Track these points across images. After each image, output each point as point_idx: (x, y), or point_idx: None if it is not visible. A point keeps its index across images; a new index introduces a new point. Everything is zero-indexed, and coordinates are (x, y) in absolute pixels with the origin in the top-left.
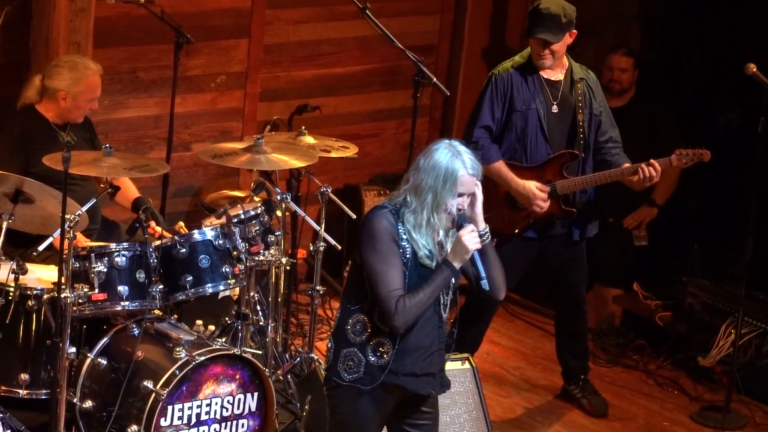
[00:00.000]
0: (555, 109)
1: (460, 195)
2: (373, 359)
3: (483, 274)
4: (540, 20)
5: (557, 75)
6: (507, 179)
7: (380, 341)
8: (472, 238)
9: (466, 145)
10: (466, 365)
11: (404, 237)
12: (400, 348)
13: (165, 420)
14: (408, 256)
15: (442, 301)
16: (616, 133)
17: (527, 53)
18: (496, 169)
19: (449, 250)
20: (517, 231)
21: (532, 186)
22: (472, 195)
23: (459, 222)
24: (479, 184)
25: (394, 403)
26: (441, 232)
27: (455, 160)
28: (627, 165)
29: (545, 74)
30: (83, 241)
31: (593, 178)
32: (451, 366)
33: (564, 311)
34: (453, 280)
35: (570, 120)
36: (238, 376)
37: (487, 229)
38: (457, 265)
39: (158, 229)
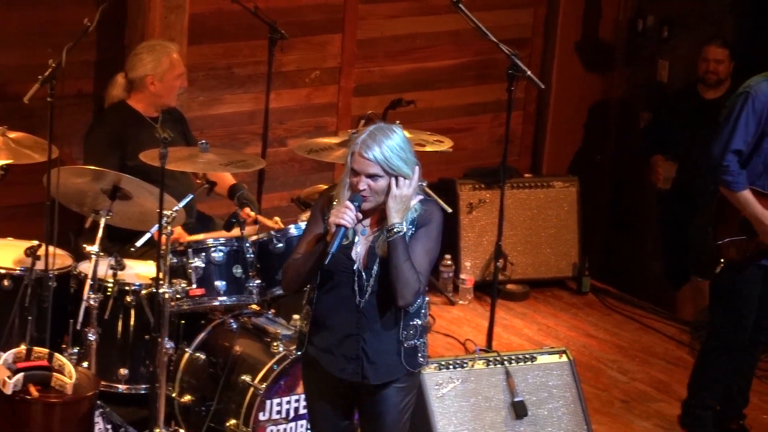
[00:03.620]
0: None
1: (354, 172)
2: (302, 326)
3: (332, 249)
4: None
5: None
6: (755, 210)
7: (307, 309)
8: (338, 212)
9: (398, 131)
10: (564, 358)
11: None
12: (314, 320)
13: (263, 414)
14: None
15: (357, 285)
16: None
17: None
18: (743, 197)
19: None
20: (747, 257)
21: None
22: (379, 181)
23: (350, 200)
24: (402, 180)
25: (329, 380)
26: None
27: (361, 137)
28: None
29: None
30: (184, 236)
31: None
32: (548, 359)
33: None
34: (376, 268)
35: None
36: None
37: (399, 227)
38: (328, 239)
39: (252, 213)
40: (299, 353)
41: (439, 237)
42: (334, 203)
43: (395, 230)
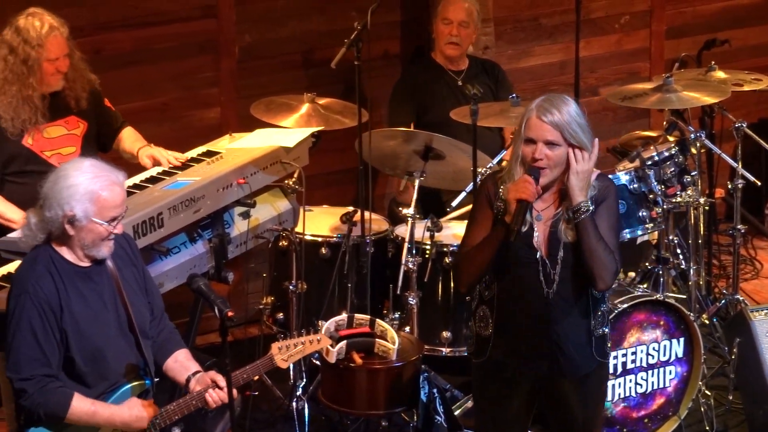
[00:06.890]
0: None
1: (529, 141)
2: (478, 330)
3: (519, 226)
4: None
5: None
6: None
7: (483, 310)
8: (517, 186)
9: (572, 100)
10: None
11: (502, 197)
12: (498, 319)
13: None
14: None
15: (543, 275)
16: None
17: None
18: None
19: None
20: None
21: None
22: (558, 153)
23: (527, 172)
24: (580, 153)
25: (514, 385)
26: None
27: (534, 103)
28: None
29: None
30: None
31: None
32: None
33: None
34: (561, 254)
35: None
36: (662, 322)
37: (586, 206)
38: (507, 218)
39: None
40: (479, 360)
41: (618, 210)
42: (501, 188)
43: (582, 210)
